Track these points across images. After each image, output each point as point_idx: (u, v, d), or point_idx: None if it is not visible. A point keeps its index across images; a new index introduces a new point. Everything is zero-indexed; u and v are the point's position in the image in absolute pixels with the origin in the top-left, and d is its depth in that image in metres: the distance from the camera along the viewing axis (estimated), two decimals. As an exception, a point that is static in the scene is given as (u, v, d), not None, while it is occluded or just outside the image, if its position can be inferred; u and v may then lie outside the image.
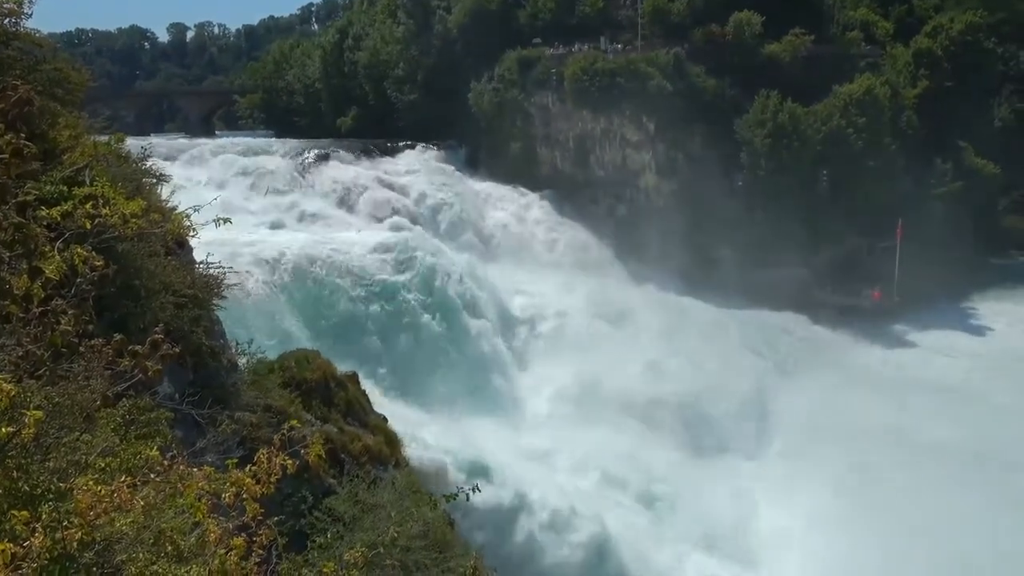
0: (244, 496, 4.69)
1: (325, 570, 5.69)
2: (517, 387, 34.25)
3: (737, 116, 49.32)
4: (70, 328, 4.80)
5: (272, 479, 4.86)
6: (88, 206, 5.25)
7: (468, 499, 9.87)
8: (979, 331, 49.85)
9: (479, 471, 22.29)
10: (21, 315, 4.57)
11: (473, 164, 54.12)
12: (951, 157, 54.73)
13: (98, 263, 5.17)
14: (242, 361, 13.66)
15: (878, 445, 32.26)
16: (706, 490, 30.32)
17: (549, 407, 33.04)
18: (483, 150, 55.27)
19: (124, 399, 5.65)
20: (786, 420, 36.10)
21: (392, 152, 50.17)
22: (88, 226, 5.20)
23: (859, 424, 34.16)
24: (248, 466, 4.88)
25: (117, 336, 5.45)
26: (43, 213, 5.03)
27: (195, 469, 4.78)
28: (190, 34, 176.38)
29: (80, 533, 3.79)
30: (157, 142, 34.98)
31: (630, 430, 32.21)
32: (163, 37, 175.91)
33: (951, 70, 55.05)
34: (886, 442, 32.55)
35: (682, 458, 32.34)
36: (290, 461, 5.00)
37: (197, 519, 4.43)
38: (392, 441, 16.92)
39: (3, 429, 3.91)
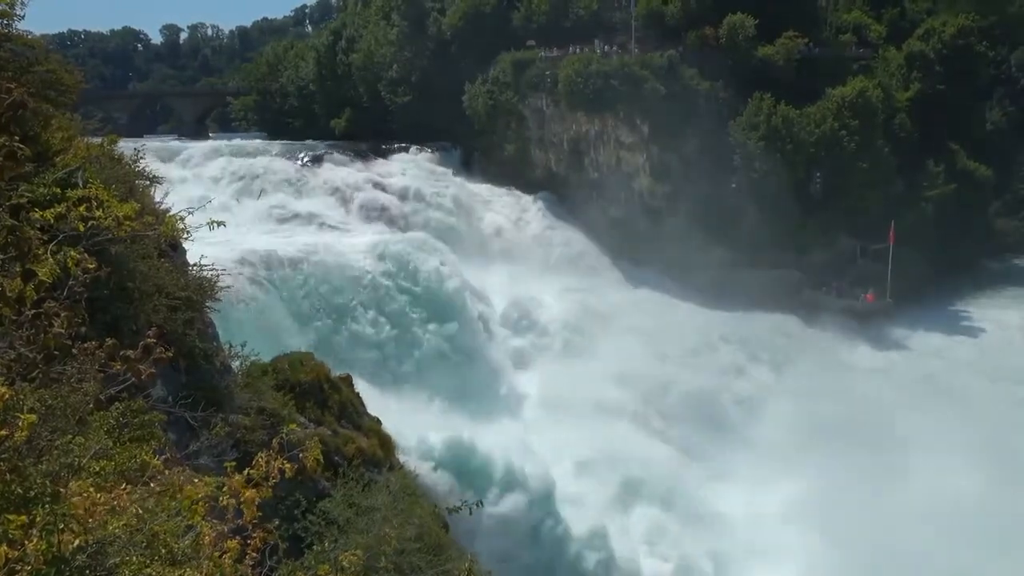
0: (243, 501, 4.68)
1: (320, 573, 5.67)
2: (510, 387, 34.27)
3: (731, 118, 49.39)
4: (63, 330, 4.78)
5: (270, 483, 4.85)
6: (81, 208, 5.22)
7: (471, 513, 9.88)
8: (971, 333, 49.98)
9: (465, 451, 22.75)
10: (14, 318, 4.54)
11: (467, 166, 54.17)
12: (943, 160, 54.89)
13: (91, 265, 5.14)
14: (235, 363, 13.59)
15: (869, 446, 32.29)
16: (692, 489, 30.44)
17: (542, 407, 33.06)
18: (477, 152, 55.31)
19: (117, 402, 5.62)
20: (777, 421, 36.14)
21: (386, 154, 50.18)
22: (81, 228, 5.17)
23: (850, 425, 34.21)
24: (246, 470, 4.87)
25: (110, 340, 5.43)
26: (36, 215, 5.00)
27: (194, 474, 4.77)
28: (183, 35, 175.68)
29: (77, 539, 3.77)
30: (150, 144, 34.89)
31: (621, 430, 32.25)
32: (156, 38, 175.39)
33: (943, 73, 55.20)
34: (878, 443, 32.59)
35: (672, 457, 32.43)
36: (288, 465, 4.99)
37: (192, 522, 4.41)
38: (386, 443, 16.89)
39: (-3, 432, 3.90)
